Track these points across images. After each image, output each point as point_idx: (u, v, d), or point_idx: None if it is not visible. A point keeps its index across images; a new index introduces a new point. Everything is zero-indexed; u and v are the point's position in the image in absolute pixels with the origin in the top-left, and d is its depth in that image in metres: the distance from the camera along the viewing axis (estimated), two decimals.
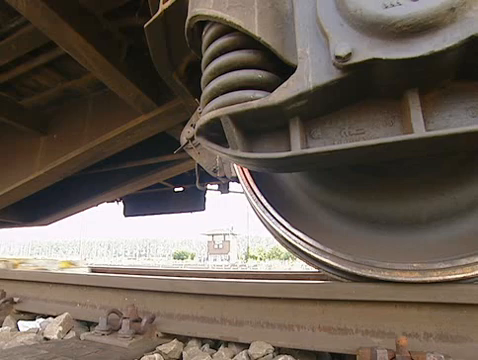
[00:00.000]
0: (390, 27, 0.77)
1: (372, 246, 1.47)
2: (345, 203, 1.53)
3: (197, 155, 1.67)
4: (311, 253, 1.39)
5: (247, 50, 1.09)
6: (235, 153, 1.04)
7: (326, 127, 1.03)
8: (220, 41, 1.12)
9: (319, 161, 1.06)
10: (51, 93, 3.63)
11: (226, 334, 1.40)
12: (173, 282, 1.65)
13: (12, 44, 2.77)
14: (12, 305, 2.09)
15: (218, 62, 1.10)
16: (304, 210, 1.53)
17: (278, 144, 1.08)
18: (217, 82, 1.08)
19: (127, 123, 3.06)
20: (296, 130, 1.01)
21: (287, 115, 0.99)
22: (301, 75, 0.92)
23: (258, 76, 1.05)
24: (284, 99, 0.92)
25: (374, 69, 0.85)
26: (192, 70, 1.88)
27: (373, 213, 1.47)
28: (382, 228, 1.51)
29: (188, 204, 5.87)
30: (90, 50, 2.29)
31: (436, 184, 1.45)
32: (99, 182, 4.90)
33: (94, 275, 2.19)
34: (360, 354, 1.08)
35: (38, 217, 5.41)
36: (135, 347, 1.35)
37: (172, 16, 1.47)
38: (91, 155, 3.39)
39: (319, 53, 0.92)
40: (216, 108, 1.04)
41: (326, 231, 1.52)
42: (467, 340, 1.10)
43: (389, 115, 0.97)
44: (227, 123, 0.99)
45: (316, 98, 0.93)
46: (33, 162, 3.75)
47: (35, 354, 1.23)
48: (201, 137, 1.10)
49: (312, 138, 1.04)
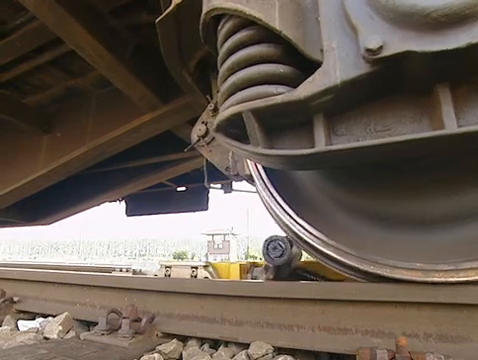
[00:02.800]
0: (425, 18, 0.74)
1: (384, 244, 1.44)
2: (359, 201, 1.50)
3: (209, 153, 1.63)
4: (315, 244, 1.37)
5: (267, 44, 1.06)
6: (256, 150, 1.00)
7: (350, 124, 0.99)
8: (239, 35, 1.09)
9: (343, 158, 1.03)
10: (55, 91, 3.59)
11: (226, 334, 1.40)
12: (173, 282, 1.63)
13: (17, 41, 2.73)
14: (12, 304, 2.07)
15: (237, 57, 1.07)
16: (319, 208, 1.50)
17: (300, 141, 1.04)
18: (236, 77, 1.04)
19: (132, 121, 3.02)
20: (320, 126, 0.97)
21: (311, 111, 0.96)
22: (328, 69, 0.89)
23: (280, 70, 1.02)
24: (310, 94, 0.89)
25: (405, 63, 0.82)
26: (202, 67, 1.85)
27: (386, 211, 1.44)
28: (395, 227, 1.48)
29: (191, 204, 5.83)
30: (96, 47, 2.26)
31: (453, 183, 1.42)
32: (102, 181, 4.85)
33: (94, 275, 2.20)
34: (360, 354, 1.07)
35: (40, 216, 5.36)
36: (135, 347, 1.34)
37: (185, 11, 1.44)
38: (95, 153, 3.35)
39: (346, 47, 0.88)
40: (236, 103, 1.01)
41: (340, 229, 1.49)
42: (467, 340, 1.09)
43: (417, 111, 0.93)
44: (249, 118, 0.96)
45: (342, 93, 0.90)
46: (36, 161, 3.71)
47: (35, 354, 1.22)
48: (220, 133, 1.07)
49: (336, 135, 1.00)
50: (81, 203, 5.18)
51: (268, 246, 1.48)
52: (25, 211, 5.14)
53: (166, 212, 6.16)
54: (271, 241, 1.47)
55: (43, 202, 5.06)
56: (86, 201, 5.15)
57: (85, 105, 3.56)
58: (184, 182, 5.75)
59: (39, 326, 1.74)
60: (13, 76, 3.29)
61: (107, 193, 5.00)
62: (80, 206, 5.25)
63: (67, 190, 4.97)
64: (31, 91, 3.61)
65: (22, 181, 3.70)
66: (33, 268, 4.34)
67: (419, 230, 1.43)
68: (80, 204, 5.19)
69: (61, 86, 3.52)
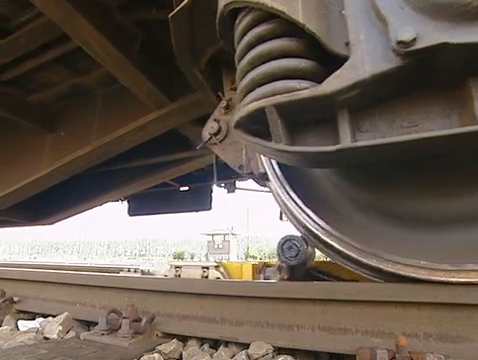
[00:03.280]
0: (465, 7, 0.71)
1: (399, 244, 1.41)
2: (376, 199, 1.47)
3: (221, 151, 1.60)
4: (318, 233, 1.35)
5: (288, 38, 1.03)
6: (279, 146, 0.98)
7: (375, 120, 0.97)
8: (259, 29, 1.06)
9: (366, 155, 1.00)
10: (59, 89, 3.55)
11: (226, 334, 1.40)
12: (173, 282, 1.64)
13: (22, 38, 2.70)
14: (12, 304, 2.06)
15: (257, 51, 1.04)
16: (336, 207, 1.47)
17: (322, 137, 1.01)
18: (257, 72, 1.02)
19: (138, 120, 2.98)
20: (345, 122, 0.94)
21: (336, 106, 0.93)
22: (356, 63, 0.86)
23: (302, 65, 0.99)
24: (337, 89, 0.86)
25: (438, 55, 0.79)
26: (213, 64, 1.81)
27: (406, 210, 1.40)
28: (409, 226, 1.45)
29: (194, 203, 5.79)
30: (104, 43, 2.22)
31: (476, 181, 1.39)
32: (105, 181, 4.82)
33: (94, 275, 2.19)
34: (360, 354, 1.07)
35: (42, 216, 5.33)
36: (135, 347, 1.34)
37: (200, 5, 1.41)
38: (100, 152, 3.32)
39: (374, 39, 0.85)
40: (258, 99, 0.98)
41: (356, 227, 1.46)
42: (467, 340, 1.09)
43: (446, 106, 0.90)
44: (272, 114, 0.93)
45: (370, 88, 0.87)
46: (40, 160, 3.67)
47: (35, 354, 1.22)
48: (240, 130, 1.04)
49: (360, 131, 0.98)
50: (84, 203, 5.14)
51: (283, 246, 1.45)
52: (27, 211, 5.10)
53: (169, 212, 6.12)
54: (286, 241, 1.44)
55: (45, 202, 5.02)
56: (89, 201, 5.11)
57: (90, 103, 3.52)
58: (187, 182, 5.71)
59: (39, 326, 1.73)
60: (17, 74, 3.25)
61: (110, 193, 4.96)
62: (83, 206, 5.21)
63: (70, 190, 4.93)
64: (35, 89, 3.57)
65: (26, 180, 3.67)
66: (33, 268, 4.33)
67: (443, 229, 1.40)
68: (83, 204, 5.15)
69: (66, 84, 3.48)
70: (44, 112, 3.73)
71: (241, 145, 1.55)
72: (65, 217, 5.54)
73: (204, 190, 5.66)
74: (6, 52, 2.81)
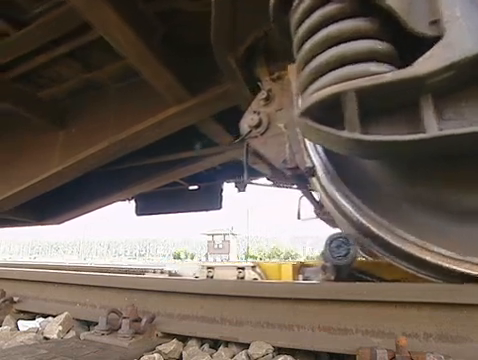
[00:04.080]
0: None
1: (457, 238, 1.32)
2: (436, 195, 1.37)
3: (262, 144, 1.51)
4: (380, 233, 1.27)
5: (360, 18, 0.95)
6: (353, 135, 0.89)
7: (461, 106, 0.88)
8: (326, 9, 0.97)
9: (450, 146, 0.91)
10: (71, 84, 3.47)
11: (226, 334, 1.40)
12: (174, 282, 1.64)
13: (36, 30, 2.61)
14: (12, 304, 2.06)
15: (325, 33, 0.96)
16: (392, 206, 1.38)
17: (398, 126, 0.93)
18: (328, 55, 0.93)
19: (156, 115, 2.89)
20: (429, 109, 0.86)
21: (422, 91, 0.85)
22: (451, 41, 0.77)
23: (378, 47, 0.91)
24: (431, 70, 0.78)
25: None
26: (249, 54, 1.73)
27: (469, 206, 1.32)
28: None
29: (203, 203, 5.70)
30: (126, 32, 2.13)
31: None
32: (115, 179, 4.72)
33: (94, 275, 2.18)
34: (360, 354, 1.06)
35: (49, 216, 5.22)
36: (135, 347, 1.35)
37: None
38: (115, 149, 3.22)
39: (472, 15, 0.77)
40: (331, 84, 0.90)
41: (415, 225, 1.36)
42: (467, 340, 1.08)
43: None
44: (351, 100, 0.85)
45: (466, 70, 0.79)
46: (51, 157, 3.57)
47: (35, 354, 1.22)
48: (307, 118, 0.95)
49: (443, 119, 0.89)
50: (93, 202, 5.04)
51: (331, 244, 1.36)
52: (34, 210, 5.00)
53: (177, 211, 6.03)
54: (334, 239, 1.36)
55: (53, 201, 4.91)
56: (98, 200, 5.01)
57: (103, 99, 3.43)
58: (196, 181, 5.62)
59: (39, 326, 1.73)
60: (29, 68, 3.16)
61: (120, 192, 4.87)
62: (91, 205, 5.11)
63: (79, 188, 4.82)
64: (46, 84, 3.48)
65: (37, 178, 3.57)
66: (33, 268, 4.27)
67: None
68: (92, 203, 5.05)
69: (78, 79, 3.39)
70: (55, 107, 3.64)
71: (284, 138, 1.45)
72: (73, 217, 5.43)
73: (214, 189, 5.57)
74: (21, 45, 2.72)
